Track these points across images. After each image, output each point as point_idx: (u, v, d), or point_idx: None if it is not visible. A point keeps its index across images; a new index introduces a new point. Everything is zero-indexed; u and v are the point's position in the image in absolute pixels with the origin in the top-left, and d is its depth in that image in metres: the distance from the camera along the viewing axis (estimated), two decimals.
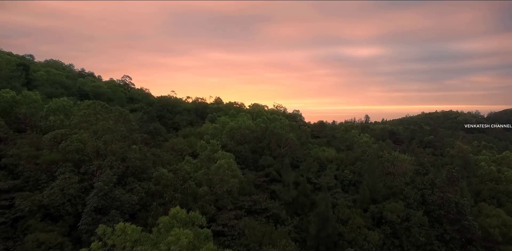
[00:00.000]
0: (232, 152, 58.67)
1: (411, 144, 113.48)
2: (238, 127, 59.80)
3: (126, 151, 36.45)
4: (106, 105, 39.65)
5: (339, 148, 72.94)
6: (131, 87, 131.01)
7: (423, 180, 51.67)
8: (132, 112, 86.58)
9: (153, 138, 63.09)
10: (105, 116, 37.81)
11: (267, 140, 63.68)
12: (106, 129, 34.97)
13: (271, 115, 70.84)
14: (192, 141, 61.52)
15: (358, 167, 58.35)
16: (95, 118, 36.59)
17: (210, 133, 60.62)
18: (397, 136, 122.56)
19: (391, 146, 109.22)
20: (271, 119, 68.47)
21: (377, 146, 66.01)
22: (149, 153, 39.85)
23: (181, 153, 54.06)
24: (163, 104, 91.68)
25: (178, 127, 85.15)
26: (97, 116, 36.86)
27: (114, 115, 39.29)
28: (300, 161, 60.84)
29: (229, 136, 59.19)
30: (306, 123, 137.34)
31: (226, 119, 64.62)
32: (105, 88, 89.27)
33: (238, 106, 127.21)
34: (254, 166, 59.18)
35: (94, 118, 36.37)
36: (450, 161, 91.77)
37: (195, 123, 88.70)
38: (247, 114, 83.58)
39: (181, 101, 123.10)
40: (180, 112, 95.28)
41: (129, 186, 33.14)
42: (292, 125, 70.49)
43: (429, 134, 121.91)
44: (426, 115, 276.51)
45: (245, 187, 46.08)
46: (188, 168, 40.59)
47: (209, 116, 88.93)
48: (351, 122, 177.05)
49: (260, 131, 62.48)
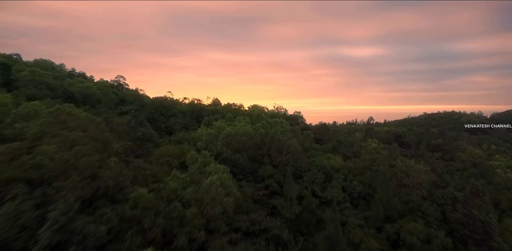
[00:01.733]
0: (228, 161, 52.59)
1: (419, 148, 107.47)
2: (235, 133, 53.56)
3: (98, 167, 30.28)
4: (73, 112, 33.30)
5: (345, 154, 66.69)
6: (125, 88, 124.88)
7: (443, 194, 45.49)
8: (122, 115, 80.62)
9: (141, 145, 56.96)
10: (74, 124, 31.51)
11: (267, 147, 57.43)
12: (70, 141, 28.71)
13: (271, 119, 64.61)
14: (184, 148, 55.22)
15: (368, 178, 52.17)
16: (61, 127, 30.35)
17: (205, 139, 54.36)
18: (403, 139, 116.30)
19: (398, 150, 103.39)
20: (271, 123, 62.28)
21: (388, 154, 59.78)
22: (126, 170, 33.52)
23: (170, 164, 47.83)
24: (157, 106, 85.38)
25: (172, 131, 78.89)
26: (62, 125, 30.61)
27: (83, 123, 32.98)
28: (303, 170, 54.60)
29: (225, 143, 52.96)
30: (307, 125, 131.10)
31: (222, 123, 58.37)
32: (94, 89, 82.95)
33: (236, 108, 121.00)
34: (253, 177, 52.93)
35: (58, 128, 30.12)
36: (462, 167, 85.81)
37: (190, 127, 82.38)
38: (245, 117, 77.37)
39: (177, 102, 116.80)
40: (174, 115, 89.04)
41: (98, 212, 26.87)
42: (294, 130, 64.30)
43: (436, 137, 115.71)
44: (429, 116, 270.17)
45: (242, 204, 39.87)
46: (175, 185, 34.35)
47: (205, 119, 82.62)
48: (354, 124, 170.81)
49: (259, 137, 56.24)
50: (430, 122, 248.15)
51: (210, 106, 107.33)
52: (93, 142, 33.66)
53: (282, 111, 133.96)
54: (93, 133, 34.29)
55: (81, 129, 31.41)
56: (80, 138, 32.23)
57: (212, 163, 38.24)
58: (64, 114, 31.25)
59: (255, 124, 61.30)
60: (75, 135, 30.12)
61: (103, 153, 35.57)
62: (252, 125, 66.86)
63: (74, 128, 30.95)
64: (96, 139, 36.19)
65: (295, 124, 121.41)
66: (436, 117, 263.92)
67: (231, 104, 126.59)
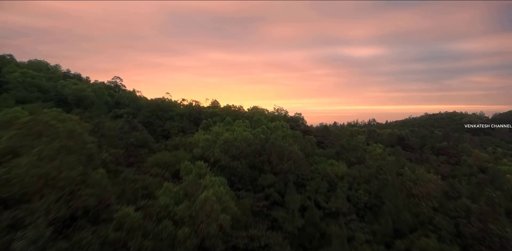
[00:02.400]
0: (226, 168, 49.42)
1: (423, 151, 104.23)
2: (234, 139, 50.36)
3: (82, 182, 27.10)
4: (51, 122, 30.00)
5: (349, 160, 63.45)
6: (122, 89, 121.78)
7: (455, 205, 42.32)
8: (117, 118, 77.38)
9: (135, 151, 53.73)
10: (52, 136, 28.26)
11: (268, 153, 54.22)
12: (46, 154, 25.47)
13: (271, 123, 61.40)
14: (180, 155, 52.05)
15: (374, 187, 48.95)
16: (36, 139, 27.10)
17: (201, 146, 51.16)
18: (406, 141, 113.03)
19: (402, 154, 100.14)
20: (271, 128, 59.07)
21: (394, 160, 56.55)
22: (112, 186, 30.28)
23: (163, 174, 44.54)
24: (153, 109, 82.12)
25: (169, 135, 75.72)
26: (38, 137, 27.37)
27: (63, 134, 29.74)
28: (306, 178, 51.39)
29: (223, 150, 49.77)
30: (308, 126, 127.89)
31: (220, 128, 55.14)
32: (89, 92, 79.71)
33: (236, 109, 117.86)
34: (252, 185, 49.75)
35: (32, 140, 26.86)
36: (469, 172, 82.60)
37: (187, 130, 79.15)
38: (245, 121, 74.15)
39: (175, 104, 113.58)
40: (172, 118, 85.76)
41: (77, 236, 23.67)
42: (296, 135, 61.09)
43: (440, 139, 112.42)
44: (430, 117, 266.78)
45: (240, 218, 36.69)
46: (167, 200, 31.16)
47: (203, 123, 79.40)
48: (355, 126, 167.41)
49: (259, 143, 53.05)
50: (431, 122, 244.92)
51: (209, 108, 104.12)
52: (76, 155, 30.42)
53: (282, 112, 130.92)
54: (74, 145, 31.05)
55: (60, 141, 28.13)
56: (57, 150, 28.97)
57: (207, 175, 35.03)
58: (41, 125, 27.95)
59: (255, 129, 58.10)
60: (52, 147, 26.85)
61: (88, 165, 32.42)
62: (252, 130, 63.70)
63: (52, 140, 27.69)
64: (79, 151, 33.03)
65: (296, 126, 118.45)
66: (437, 118, 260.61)
67: (231, 106, 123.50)
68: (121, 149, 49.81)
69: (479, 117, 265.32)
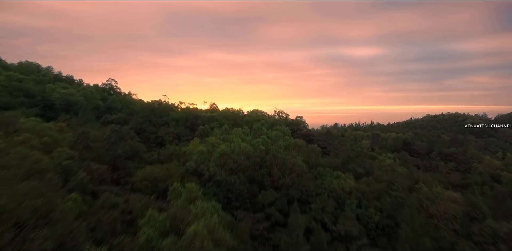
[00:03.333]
0: (222, 184, 44.47)
1: (430, 157, 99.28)
2: (231, 151, 45.35)
3: (43, 217, 22.09)
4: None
5: (355, 171, 58.43)
6: (116, 92, 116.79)
7: (480, 229, 37.32)
8: (107, 124, 72.25)
9: (123, 164, 48.71)
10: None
11: (268, 166, 49.26)
12: None
13: (272, 130, 56.35)
14: (172, 169, 47.05)
15: (386, 205, 43.98)
16: None
17: (195, 159, 46.14)
18: (412, 146, 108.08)
19: (408, 160, 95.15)
20: (272, 137, 54.04)
21: (406, 173, 51.50)
22: (83, 215, 25.15)
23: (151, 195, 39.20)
24: (147, 114, 77.04)
25: (163, 143, 70.70)
26: None
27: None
28: (310, 195, 46.41)
29: (219, 164, 44.77)
30: (310, 130, 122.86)
31: (216, 139, 50.08)
32: (78, 96, 74.63)
33: (235, 112, 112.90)
34: (251, 203, 44.78)
35: None
36: (481, 181, 77.58)
37: (183, 137, 74.16)
38: (244, 127, 69.13)
39: (171, 107, 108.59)
40: (167, 123, 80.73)
41: None
42: (299, 144, 56.00)
43: (448, 144, 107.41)
44: (432, 118, 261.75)
45: (237, 248, 31.72)
46: (150, 232, 26.15)
47: (200, 129, 74.39)
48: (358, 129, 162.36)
49: (258, 155, 48.05)
50: (434, 124, 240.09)
51: (207, 112, 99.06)
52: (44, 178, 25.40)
53: (283, 115, 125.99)
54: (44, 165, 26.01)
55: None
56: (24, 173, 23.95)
57: (199, 200, 29.97)
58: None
59: (255, 137, 53.14)
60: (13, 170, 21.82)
61: (59, 190, 27.42)
62: (251, 137, 58.74)
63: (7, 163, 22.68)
64: (52, 171, 28.01)
65: (297, 130, 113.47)
66: (439, 119, 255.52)
67: (230, 109, 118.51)
68: (106, 163, 44.74)
69: (481, 118, 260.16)
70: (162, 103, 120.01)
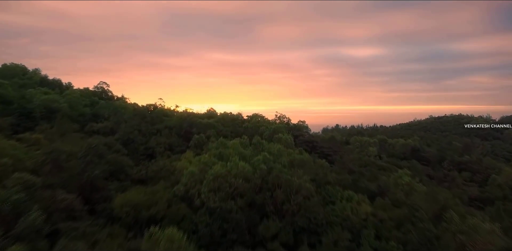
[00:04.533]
0: (216, 212, 37.27)
1: (442, 166, 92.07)
2: (227, 173, 38.18)
3: None
4: None
5: (367, 189, 51.23)
6: (108, 97, 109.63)
7: None
8: (93, 134, 65.10)
9: (101, 186, 41.40)
10: None
11: (270, 187, 42.07)
12: None
13: (274, 144, 49.09)
14: (157, 194, 39.76)
15: (410, 237, 36.81)
16: None
17: (185, 182, 38.91)
18: (422, 153, 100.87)
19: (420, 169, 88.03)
20: (275, 153, 46.85)
21: (429, 193, 44.24)
22: None
23: (133, 223, 32.28)
24: (137, 122, 69.80)
25: (153, 154, 63.52)
26: None
27: None
28: (320, 224, 39.20)
29: (213, 188, 37.58)
30: (312, 136, 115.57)
31: (209, 157, 42.77)
32: (61, 103, 67.30)
33: (234, 118, 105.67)
34: (251, 234, 37.66)
35: None
36: (502, 195, 70.50)
37: (176, 148, 66.93)
38: (244, 137, 61.92)
39: (166, 112, 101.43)
40: (159, 131, 73.51)
41: None
42: (305, 160, 48.81)
43: (460, 151, 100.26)
44: (435, 119, 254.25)
45: None
46: None
47: (195, 139, 67.30)
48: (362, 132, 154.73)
49: (259, 176, 40.85)
50: (438, 126, 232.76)
51: (203, 118, 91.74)
52: None
53: (285, 120, 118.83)
54: None
55: None
56: None
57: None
58: None
59: (255, 154, 45.94)
60: None
61: None
62: (251, 152, 51.56)
63: None
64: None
65: (300, 135, 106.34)
66: (443, 121, 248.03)
67: (228, 114, 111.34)
68: (80, 187, 37.47)
69: (486, 120, 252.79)
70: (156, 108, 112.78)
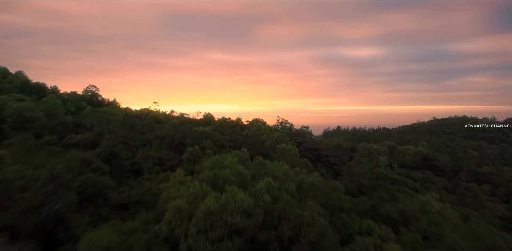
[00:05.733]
0: None
1: (459, 178, 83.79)
2: (222, 208, 29.91)
3: None
4: None
5: (388, 216, 42.95)
6: (98, 100, 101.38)
7: None
8: (71, 148, 56.80)
9: (68, 218, 33.11)
10: None
11: (276, 222, 33.84)
12: None
13: (279, 166, 40.73)
14: (135, 231, 31.50)
15: None
16: None
17: (169, 219, 30.62)
18: (435, 162, 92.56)
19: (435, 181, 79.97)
20: (280, 176, 38.60)
21: (469, 228, 36.02)
22: None
23: None
24: (123, 133, 61.44)
25: (140, 171, 55.23)
26: None
27: None
28: None
29: (204, 228, 29.32)
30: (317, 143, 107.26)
31: (200, 185, 34.36)
32: (38, 111, 58.91)
33: (232, 125, 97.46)
34: None
35: None
36: None
37: (167, 162, 58.57)
38: (243, 150, 53.76)
39: (159, 118, 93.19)
40: (149, 142, 65.20)
41: None
42: (316, 183, 40.43)
43: (477, 161, 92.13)
44: (439, 121, 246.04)
45: None
46: None
47: (188, 152, 59.02)
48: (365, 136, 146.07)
49: (262, 210, 32.58)
50: (442, 128, 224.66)
51: (199, 125, 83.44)
52: None
53: (287, 125, 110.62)
54: None
55: None
56: None
57: None
58: None
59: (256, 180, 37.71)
60: None
61: None
62: (252, 170, 43.32)
63: None
64: None
65: (303, 143, 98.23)
66: (447, 123, 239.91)
67: (226, 120, 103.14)
68: (35, 227, 29.18)
69: (490, 121, 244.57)
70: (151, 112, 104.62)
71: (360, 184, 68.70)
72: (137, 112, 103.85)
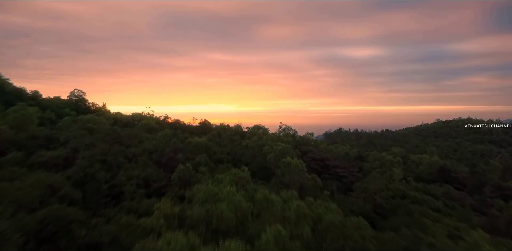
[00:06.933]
0: None
1: (484, 193, 74.80)
2: None
3: None
4: None
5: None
6: (85, 106, 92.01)
7: None
8: (39, 168, 47.67)
9: None
10: None
11: None
12: None
13: (289, 206, 31.65)
14: None
15: None
16: None
17: None
18: (453, 174, 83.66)
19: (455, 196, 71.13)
20: (292, 219, 29.50)
21: None
22: None
23: None
24: (103, 149, 52.16)
25: (121, 196, 46.04)
26: None
27: None
28: None
29: None
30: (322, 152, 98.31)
31: (184, 238, 25.47)
32: (1, 124, 49.57)
33: (231, 134, 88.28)
34: None
35: None
36: None
37: (153, 184, 49.44)
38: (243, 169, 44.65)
39: (152, 125, 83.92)
40: (134, 158, 56.01)
41: None
42: (336, 222, 31.28)
43: (500, 173, 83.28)
44: (444, 124, 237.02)
45: None
46: None
47: (179, 170, 49.86)
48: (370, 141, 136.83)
49: None
50: (447, 131, 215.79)
51: (194, 135, 74.20)
52: None
53: (290, 132, 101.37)
54: None
55: None
56: None
57: None
58: None
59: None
60: None
61: None
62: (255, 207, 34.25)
63: None
64: None
65: (308, 151, 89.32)
66: (452, 125, 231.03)
67: (225, 126, 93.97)
68: None
69: (496, 123, 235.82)
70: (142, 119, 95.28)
71: (376, 204, 59.76)
72: (128, 118, 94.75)
